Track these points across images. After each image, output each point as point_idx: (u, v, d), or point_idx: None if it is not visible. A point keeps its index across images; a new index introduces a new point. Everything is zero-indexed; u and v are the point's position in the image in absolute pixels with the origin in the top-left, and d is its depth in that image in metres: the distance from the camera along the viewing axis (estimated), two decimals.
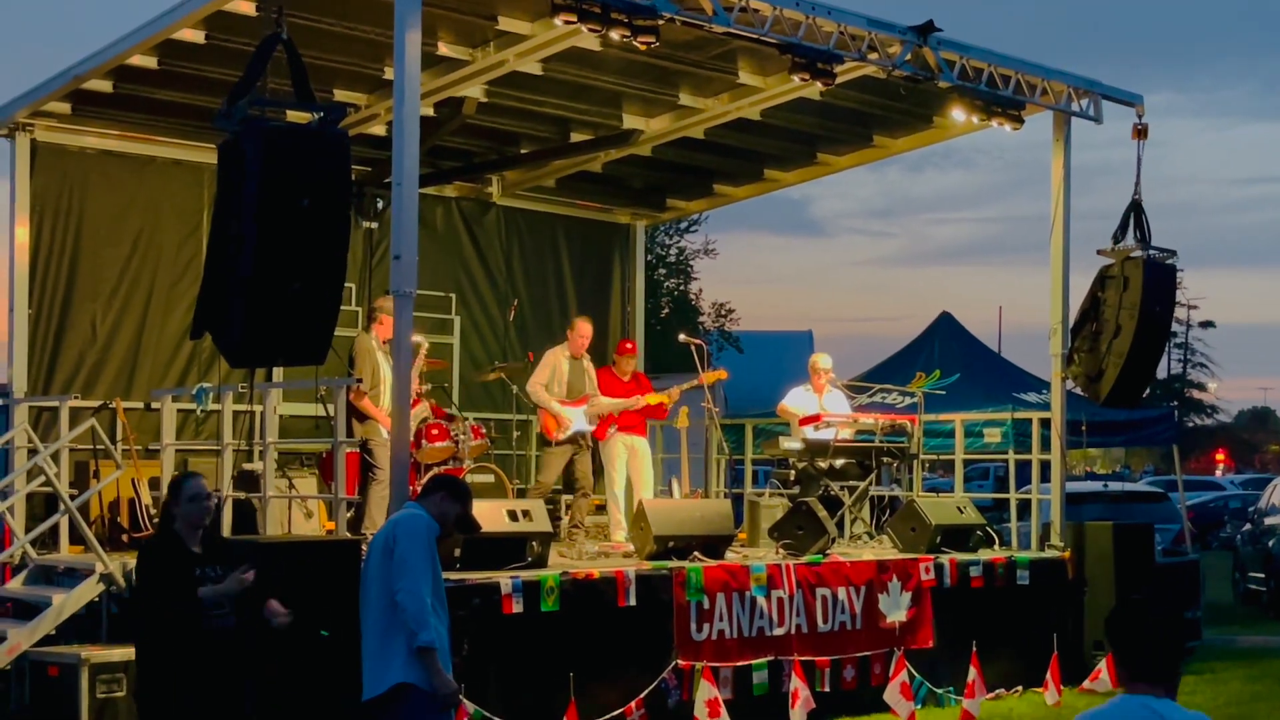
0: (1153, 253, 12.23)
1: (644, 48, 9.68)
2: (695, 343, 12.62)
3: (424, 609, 6.34)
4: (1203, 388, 60.10)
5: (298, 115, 7.61)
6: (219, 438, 10.85)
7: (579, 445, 11.94)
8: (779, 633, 9.89)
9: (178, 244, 12.41)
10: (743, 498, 13.74)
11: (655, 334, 21.41)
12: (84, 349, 11.91)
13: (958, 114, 11.73)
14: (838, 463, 12.05)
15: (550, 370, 11.95)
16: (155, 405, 11.24)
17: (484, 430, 12.03)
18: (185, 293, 12.09)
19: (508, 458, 13.08)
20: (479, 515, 7.35)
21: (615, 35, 9.40)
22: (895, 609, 10.59)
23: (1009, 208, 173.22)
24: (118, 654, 8.64)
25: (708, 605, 9.52)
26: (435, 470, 10.99)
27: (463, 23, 10.65)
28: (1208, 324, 58.85)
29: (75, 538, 10.24)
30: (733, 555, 10.57)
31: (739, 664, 9.64)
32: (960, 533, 11.63)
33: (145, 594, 7.07)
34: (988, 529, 12.22)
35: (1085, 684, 11.39)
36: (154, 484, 10.82)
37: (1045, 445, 12.90)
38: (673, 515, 10.41)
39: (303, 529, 11.10)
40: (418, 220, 8.36)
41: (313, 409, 11.57)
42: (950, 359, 15.65)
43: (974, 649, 10.48)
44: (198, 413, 11.63)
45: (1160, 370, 34.38)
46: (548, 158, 13.78)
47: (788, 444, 12.13)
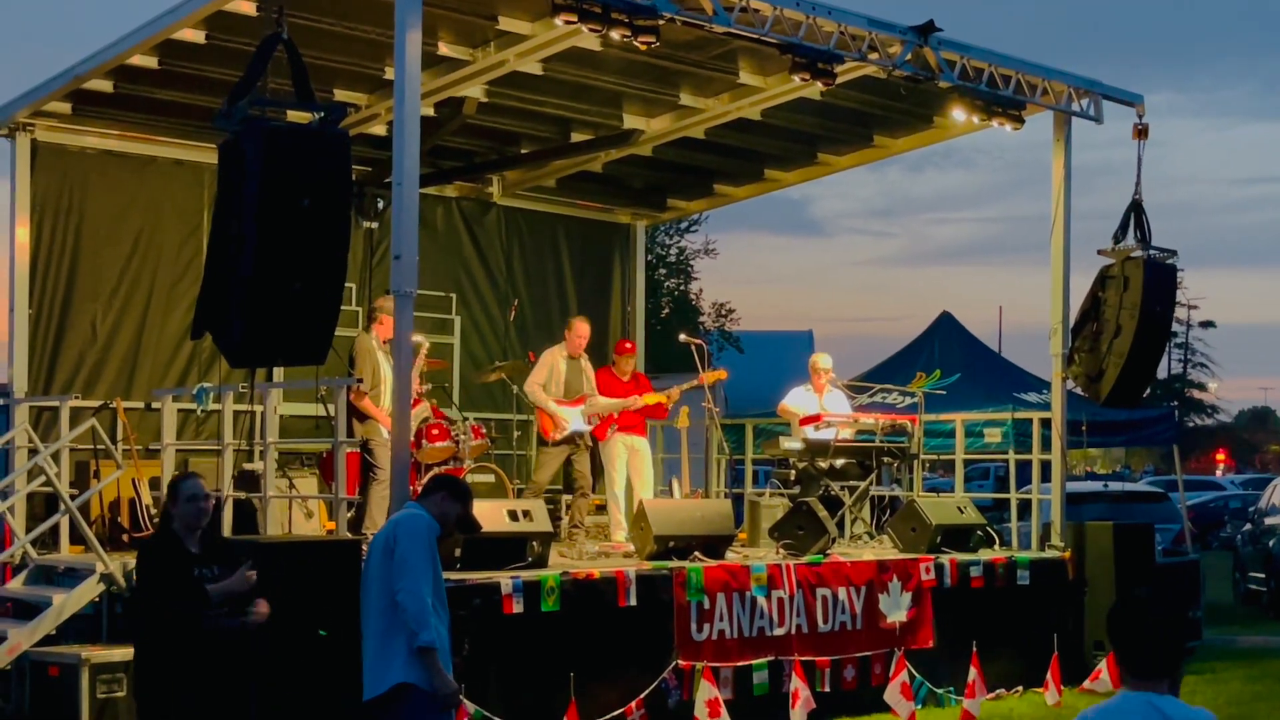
0: (1153, 253, 12.23)
1: (644, 48, 9.68)
2: (695, 343, 12.62)
3: (425, 609, 6.34)
4: (1203, 388, 60.10)
5: (298, 115, 7.60)
6: (219, 438, 10.86)
7: (576, 445, 11.94)
8: (779, 633, 9.89)
9: (178, 244, 12.41)
10: (743, 498, 13.73)
11: (655, 334, 21.39)
12: (84, 349, 11.90)
13: (958, 114, 11.73)
14: (838, 463, 12.06)
15: (548, 370, 11.95)
16: (156, 405, 11.24)
17: (484, 430, 12.04)
18: (186, 293, 12.08)
19: (508, 458, 13.08)
20: (479, 515, 7.35)
21: (616, 35, 9.40)
22: (895, 609, 10.59)
23: (1009, 208, 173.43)
24: (118, 654, 8.64)
25: (708, 605, 9.52)
26: (436, 470, 10.99)
27: (463, 23, 10.65)
28: (1208, 324, 58.91)
29: (75, 538, 10.25)
30: (733, 555, 10.56)
31: (739, 664, 9.64)
32: (960, 533, 11.63)
33: (144, 594, 7.08)
34: (988, 529, 12.22)
35: (1085, 684, 11.39)
36: (154, 484, 10.82)
37: (1046, 445, 12.90)
38: (673, 515, 10.41)
39: (303, 529, 11.10)
40: (418, 220, 8.36)
41: (313, 409, 11.57)
42: (950, 359, 15.64)
43: (974, 649, 10.48)
44: (198, 412, 11.63)
45: (1160, 370, 34.32)
46: (548, 158, 13.77)
47: (788, 444, 12.13)
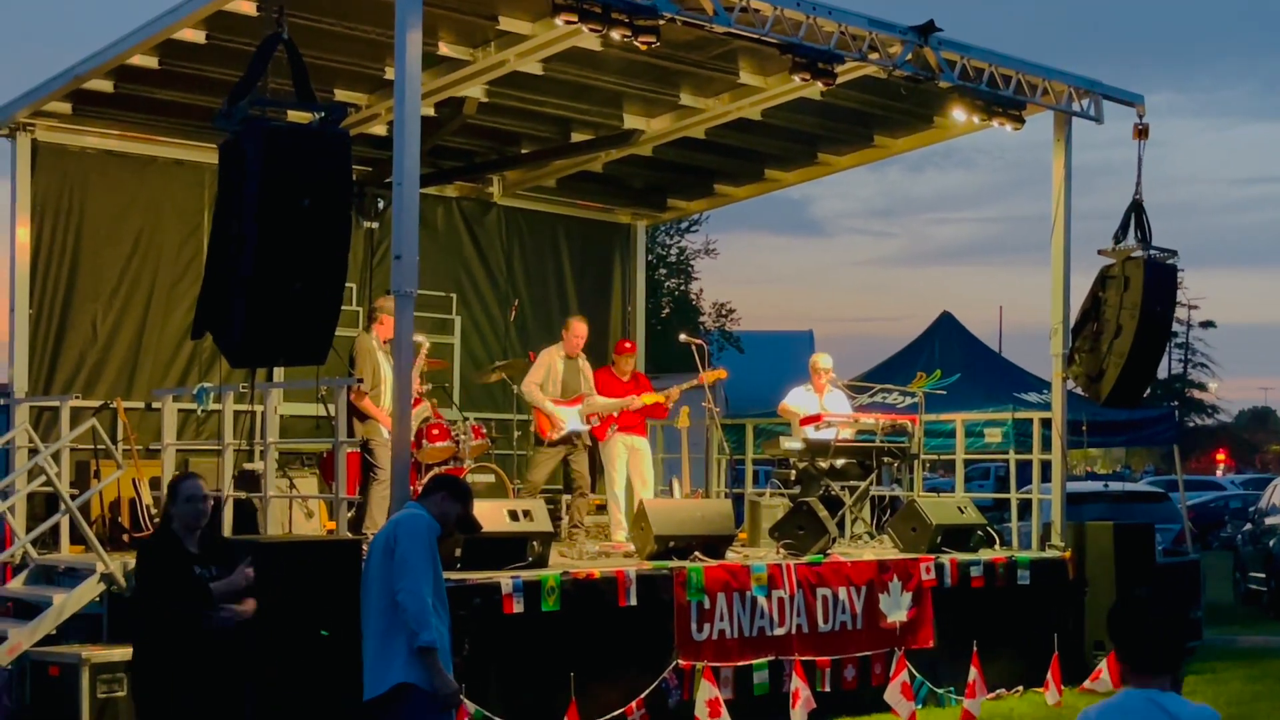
0: (1153, 253, 12.23)
1: (645, 48, 9.68)
2: (696, 343, 12.62)
3: (425, 609, 6.35)
4: (1203, 388, 60.13)
5: (298, 115, 7.60)
6: (220, 437, 10.86)
7: (573, 445, 11.92)
8: (780, 633, 9.89)
9: (178, 244, 12.41)
10: (743, 498, 13.73)
11: (656, 334, 21.38)
12: (85, 349, 11.90)
13: (958, 114, 11.73)
14: (838, 463, 12.06)
15: (545, 370, 11.94)
16: (156, 405, 11.24)
17: (484, 430, 12.04)
18: (186, 293, 12.08)
19: (508, 458, 13.08)
20: (480, 515, 7.36)
21: (616, 35, 9.40)
22: (896, 609, 10.59)
23: (1010, 208, 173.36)
24: (118, 654, 8.63)
25: (708, 605, 9.52)
26: (436, 470, 11.00)
27: (463, 23, 10.65)
28: (1208, 324, 58.95)
29: (76, 537, 10.24)
30: (733, 555, 10.56)
31: (740, 664, 9.64)
32: (961, 533, 11.63)
33: (144, 593, 7.08)
34: (988, 529, 12.22)
35: (1086, 684, 11.39)
36: (155, 484, 10.82)
37: (1046, 445, 12.90)
38: (673, 515, 10.41)
39: (303, 529, 11.10)
40: (418, 220, 8.37)
41: (313, 409, 11.57)
42: (951, 359, 15.64)
43: (975, 649, 10.48)
44: (198, 412, 11.63)
45: (1161, 370, 34.31)
46: (548, 158, 13.77)
47: (788, 444, 12.13)
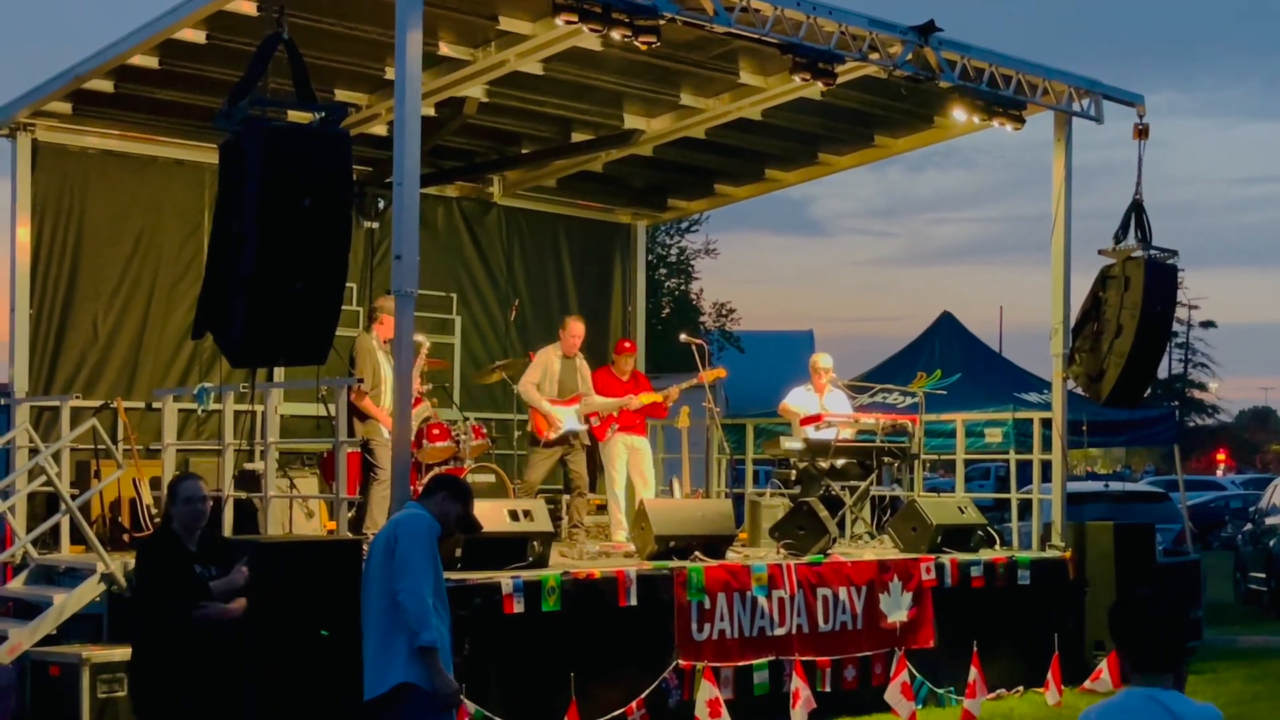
0: (1154, 252, 12.23)
1: (645, 48, 9.67)
2: (696, 343, 12.63)
3: (425, 609, 6.35)
4: (1204, 388, 60.18)
5: (299, 115, 7.60)
6: (220, 437, 10.87)
7: (570, 445, 11.90)
8: (780, 633, 9.89)
9: (179, 244, 12.41)
10: (744, 498, 13.72)
11: (656, 334, 21.39)
12: (85, 349, 11.90)
13: (959, 114, 11.72)
14: (839, 463, 12.06)
15: (542, 370, 11.93)
16: (156, 405, 11.25)
17: (485, 430, 12.04)
18: (186, 293, 12.08)
19: (509, 457, 13.07)
20: (480, 515, 7.36)
21: (616, 35, 9.39)
22: (896, 609, 10.59)
23: (1010, 207, 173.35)
24: (119, 654, 8.63)
25: (709, 605, 9.52)
26: (436, 470, 11.00)
27: (464, 23, 10.65)
28: (1209, 324, 59.02)
29: (76, 537, 10.25)
30: (734, 555, 10.56)
31: (740, 664, 9.63)
32: (961, 533, 11.63)
33: (142, 592, 7.09)
34: (989, 529, 12.21)
35: (1086, 684, 11.38)
36: (155, 484, 10.82)
37: (1046, 445, 12.89)
38: (674, 515, 10.41)
39: (304, 529, 11.10)
40: (419, 220, 8.37)
41: (314, 409, 11.58)
42: (951, 359, 15.64)
43: (975, 649, 10.48)
44: (199, 412, 11.63)
45: (1161, 370, 34.36)
46: (549, 158, 13.77)
47: (789, 444, 12.13)
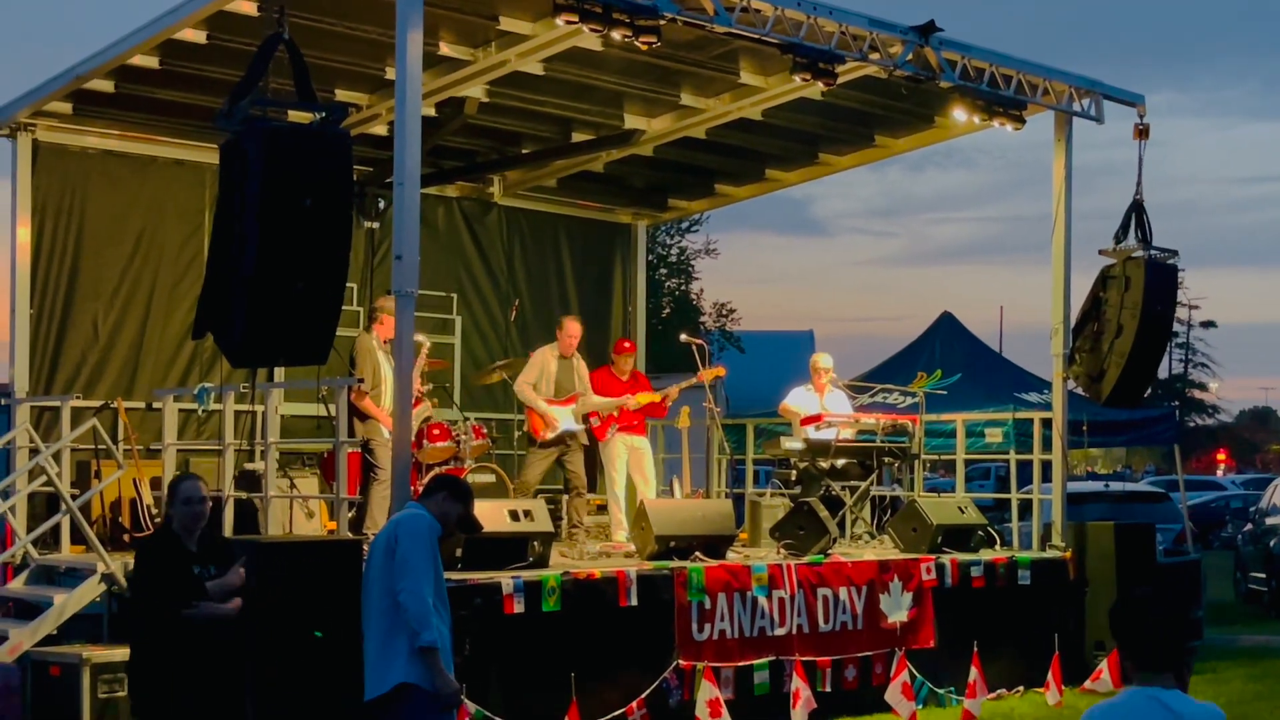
0: (1154, 253, 12.24)
1: (645, 48, 9.67)
2: (696, 343, 12.64)
3: (426, 609, 6.35)
4: (1204, 387, 60.21)
5: (299, 115, 7.61)
6: (220, 438, 10.87)
7: (567, 445, 11.89)
8: (780, 633, 9.89)
9: (179, 244, 12.41)
10: (744, 498, 13.72)
11: (657, 334, 21.39)
12: (86, 349, 11.89)
13: (959, 114, 11.72)
14: (839, 463, 12.06)
15: (538, 370, 11.92)
16: (157, 405, 11.25)
17: (485, 430, 12.04)
18: (187, 292, 12.08)
19: (509, 458, 13.08)
20: (480, 515, 7.36)
21: (617, 35, 9.39)
22: (896, 609, 10.59)
23: (1010, 207, 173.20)
24: (119, 654, 8.62)
25: (709, 605, 9.52)
26: (437, 470, 11.00)
27: (464, 23, 10.65)
28: (1209, 324, 59.06)
29: (77, 537, 10.25)
30: (734, 555, 10.57)
31: (740, 664, 9.64)
32: (961, 533, 11.63)
33: (140, 592, 7.09)
34: (989, 529, 12.21)
35: (1087, 684, 11.39)
36: (155, 484, 10.83)
37: (1046, 445, 12.89)
38: (674, 515, 10.41)
39: (304, 529, 11.10)
40: (419, 220, 8.37)
41: (314, 409, 11.58)
42: (951, 359, 15.64)
43: (975, 649, 10.48)
44: (199, 412, 11.63)
45: (1161, 370, 34.40)
46: (549, 158, 13.77)
47: (789, 444, 12.13)
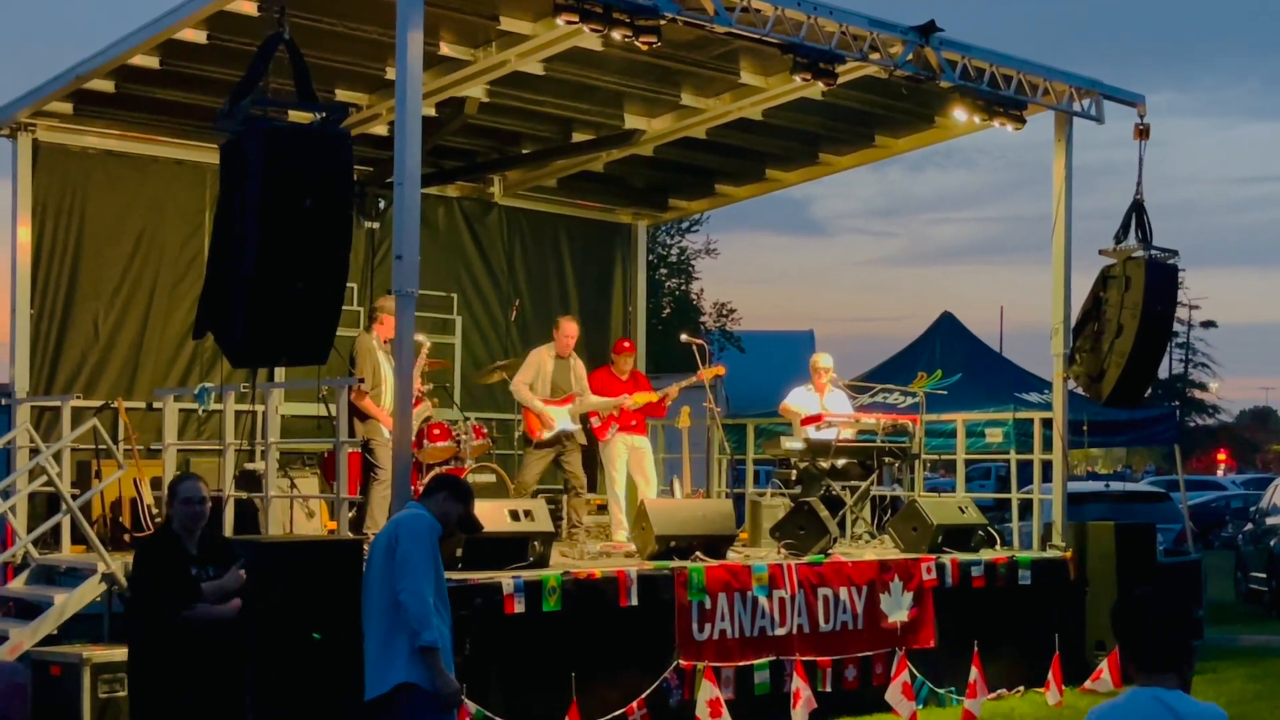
0: (1154, 252, 12.24)
1: (646, 48, 9.68)
2: (697, 342, 12.64)
3: (426, 609, 6.35)
4: (1204, 387, 60.18)
5: (300, 115, 7.61)
6: (221, 437, 10.87)
7: (564, 445, 11.89)
8: (781, 632, 9.89)
9: (180, 244, 12.41)
10: (744, 497, 13.73)
11: (657, 334, 21.40)
12: (86, 349, 11.90)
13: (959, 114, 11.72)
14: (839, 462, 12.06)
15: (534, 370, 11.91)
16: (157, 405, 11.25)
17: (485, 430, 12.03)
18: (187, 292, 12.08)
19: (509, 457, 13.07)
20: (481, 515, 7.36)
21: (617, 35, 9.40)
22: (897, 609, 10.60)
23: (1010, 207, 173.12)
24: (120, 654, 8.62)
25: (709, 605, 9.52)
26: (437, 470, 11.01)
27: (464, 23, 10.65)
28: (1209, 324, 59.02)
29: (77, 537, 10.25)
30: (734, 555, 10.57)
31: (741, 664, 9.64)
32: (962, 532, 11.63)
33: (139, 592, 7.09)
34: (989, 529, 12.22)
35: (1087, 684, 11.39)
36: (156, 484, 10.83)
37: (1047, 445, 12.89)
38: (674, 515, 10.41)
39: (304, 529, 11.11)
40: (419, 220, 8.37)
41: (315, 409, 11.57)
42: (952, 359, 15.64)
43: (975, 649, 10.48)
44: (200, 412, 11.64)
45: (1162, 370, 34.40)
46: (549, 158, 13.77)
47: (789, 444, 12.13)
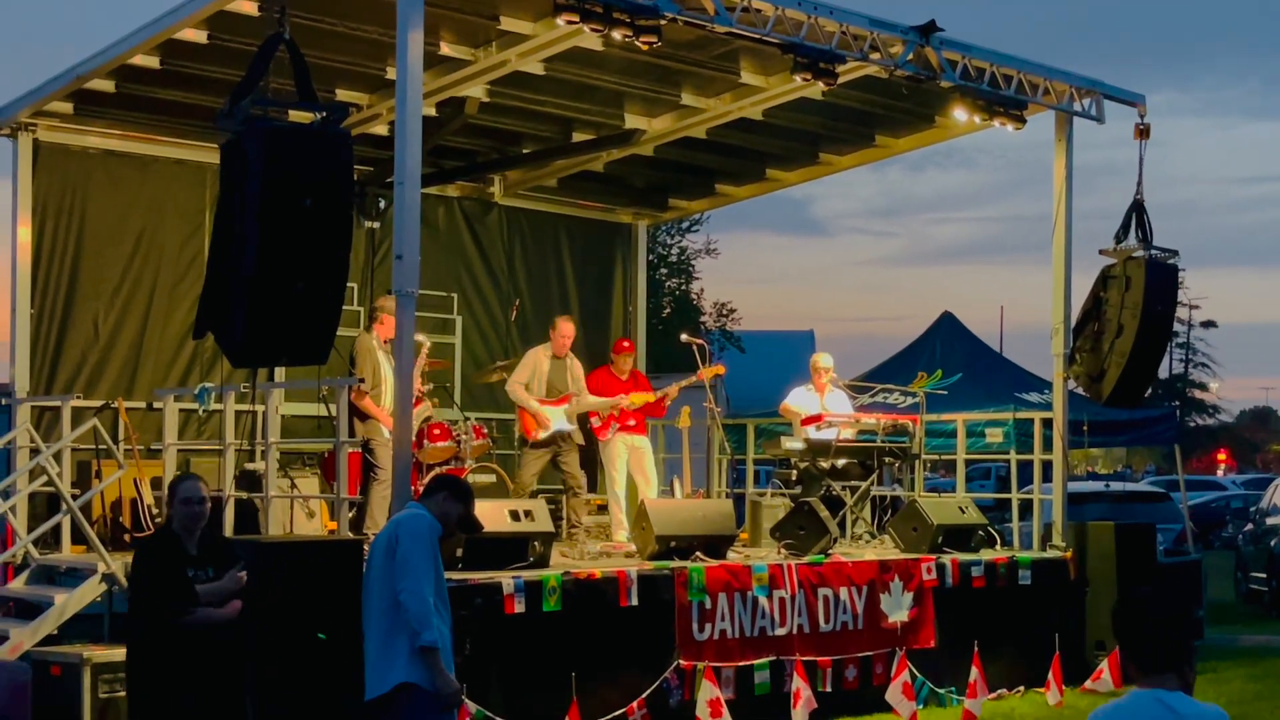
0: (1155, 252, 12.24)
1: (646, 48, 9.67)
2: (697, 342, 12.65)
3: (427, 609, 6.35)
4: (1204, 387, 60.19)
5: (300, 115, 7.61)
6: (221, 437, 10.87)
7: (560, 445, 11.88)
8: (781, 632, 9.89)
9: (180, 244, 12.41)
10: (744, 497, 13.73)
11: (657, 333, 21.40)
12: (86, 349, 11.89)
13: (960, 114, 11.72)
14: (839, 463, 12.06)
15: (530, 370, 11.91)
16: (157, 405, 11.24)
17: (486, 430, 12.03)
18: (187, 292, 12.08)
19: (509, 457, 13.07)
20: (481, 515, 7.36)
21: (617, 35, 9.40)
22: (897, 609, 10.60)
23: (1011, 207, 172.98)
24: (120, 654, 8.61)
25: (709, 605, 9.52)
26: (437, 470, 11.00)
27: (465, 22, 10.65)
28: (1209, 324, 59.03)
29: (77, 537, 10.25)
30: (735, 555, 10.57)
31: (741, 664, 9.64)
32: (962, 533, 11.63)
33: (137, 592, 7.09)
34: (989, 529, 12.21)
35: (1087, 684, 11.39)
36: (156, 484, 10.82)
37: (1047, 445, 12.89)
38: (674, 515, 10.41)
39: (305, 529, 11.10)
40: (420, 220, 8.37)
41: (315, 409, 11.57)
42: (952, 359, 15.64)
43: (976, 649, 10.48)
44: (200, 412, 11.63)
45: (1162, 370, 34.38)
46: (550, 157, 13.77)
47: (789, 444, 12.13)
